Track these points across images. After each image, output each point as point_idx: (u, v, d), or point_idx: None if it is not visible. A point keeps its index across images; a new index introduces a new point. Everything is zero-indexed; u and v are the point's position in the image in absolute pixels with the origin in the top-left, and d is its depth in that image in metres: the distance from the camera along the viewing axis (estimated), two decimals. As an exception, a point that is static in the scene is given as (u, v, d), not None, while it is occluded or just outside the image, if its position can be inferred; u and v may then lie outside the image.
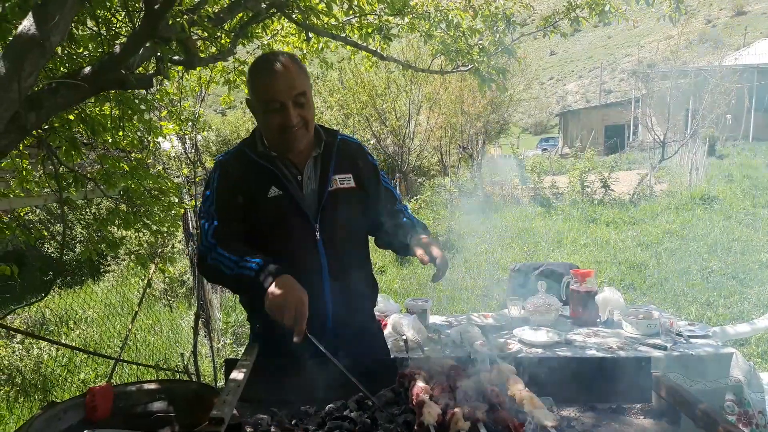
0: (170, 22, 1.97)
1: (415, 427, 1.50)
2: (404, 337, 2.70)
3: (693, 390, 2.74)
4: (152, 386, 1.94)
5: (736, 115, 23.75)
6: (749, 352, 5.36)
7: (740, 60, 24.53)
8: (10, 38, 1.52)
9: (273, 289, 1.74)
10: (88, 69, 1.86)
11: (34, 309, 7.63)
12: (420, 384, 1.63)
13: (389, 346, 2.44)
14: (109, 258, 9.59)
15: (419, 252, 1.96)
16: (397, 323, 2.87)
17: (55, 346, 5.48)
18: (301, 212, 2.01)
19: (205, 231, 2.01)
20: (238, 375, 1.67)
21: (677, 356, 2.77)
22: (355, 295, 2.12)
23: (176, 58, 2.41)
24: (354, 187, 2.12)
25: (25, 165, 3.37)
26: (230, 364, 1.84)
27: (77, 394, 2.43)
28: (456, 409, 1.48)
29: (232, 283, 2.00)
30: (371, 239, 2.30)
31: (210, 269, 1.96)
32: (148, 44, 1.94)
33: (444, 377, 1.72)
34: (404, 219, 2.20)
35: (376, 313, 2.53)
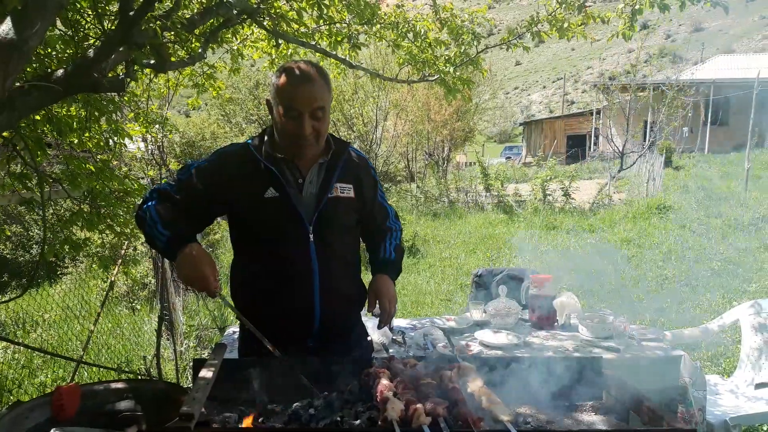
0: (143, 27, 2.00)
1: (379, 423, 1.56)
2: (369, 339, 2.77)
3: (641, 390, 2.87)
4: (120, 386, 1.96)
5: (692, 127, 24.55)
6: (700, 356, 5.58)
7: (697, 74, 25.39)
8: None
9: (180, 262, 1.89)
10: (60, 71, 1.88)
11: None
12: (384, 382, 1.70)
13: None
14: (66, 260, 9.40)
15: (371, 298, 2.22)
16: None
17: (12, 348, 5.37)
18: (297, 214, 2.04)
19: (158, 186, 2.09)
20: (207, 373, 1.72)
21: (629, 358, 2.89)
22: (343, 299, 2.18)
23: (147, 62, 2.43)
24: (353, 198, 2.16)
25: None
26: (199, 363, 1.88)
27: (36, 396, 2.42)
28: (418, 405, 1.55)
29: (148, 240, 2.05)
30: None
31: (138, 218, 2.04)
32: (121, 49, 1.97)
33: (407, 376, 1.79)
34: (382, 246, 2.33)
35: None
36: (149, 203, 2.01)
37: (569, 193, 14.76)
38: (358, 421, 1.67)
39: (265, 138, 2.11)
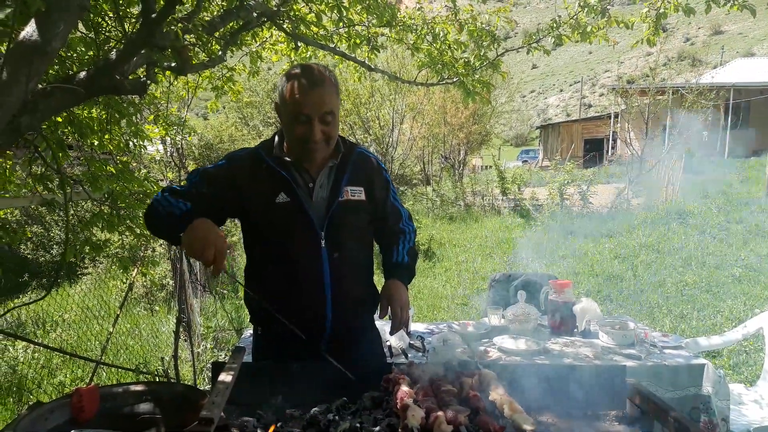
0: (165, 29, 2.00)
1: (399, 430, 1.54)
2: (388, 344, 2.75)
3: (664, 399, 2.82)
4: (139, 388, 1.96)
5: (712, 132, 24.23)
6: (721, 364, 5.49)
7: (717, 78, 25.07)
8: (10, 44, 1.55)
9: (192, 227, 1.75)
10: (83, 74, 1.89)
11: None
12: (404, 388, 1.68)
13: None
14: (86, 260, 9.51)
15: (383, 303, 2.15)
16: (380, 330, 2.92)
17: (31, 348, 5.42)
18: (308, 219, 2.02)
19: (168, 187, 2.06)
20: (226, 377, 1.71)
21: (651, 366, 2.84)
22: (355, 303, 2.16)
23: (167, 64, 2.44)
24: (364, 200, 2.13)
25: (8, 165, 3.36)
26: (217, 367, 1.88)
27: (55, 396, 2.43)
28: (439, 413, 1.52)
29: (162, 222, 1.98)
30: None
31: (150, 209, 1.99)
32: (142, 51, 1.98)
33: (427, 382, 1.77)
34: (395, 249, 2.29)
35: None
36: (158, 196, 2.01)
37: (587, 197, 14.63)
38: (377, 428, 1.65)
39: (275, 141, 2.09)
